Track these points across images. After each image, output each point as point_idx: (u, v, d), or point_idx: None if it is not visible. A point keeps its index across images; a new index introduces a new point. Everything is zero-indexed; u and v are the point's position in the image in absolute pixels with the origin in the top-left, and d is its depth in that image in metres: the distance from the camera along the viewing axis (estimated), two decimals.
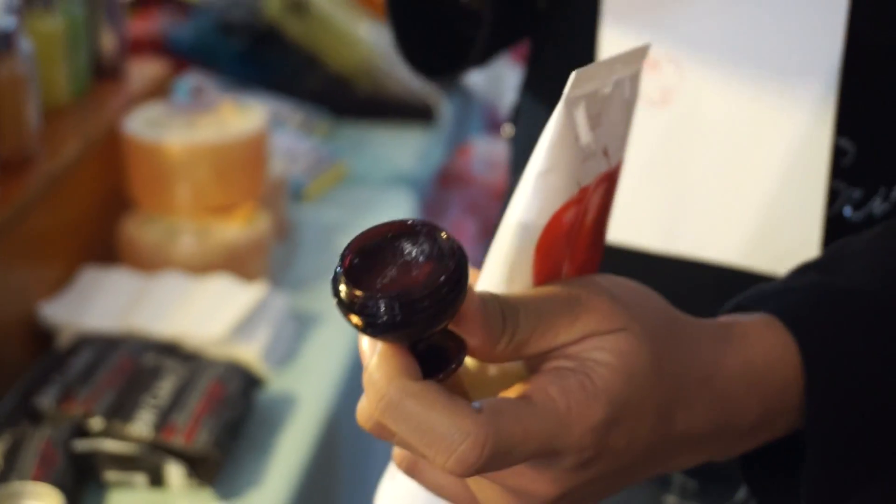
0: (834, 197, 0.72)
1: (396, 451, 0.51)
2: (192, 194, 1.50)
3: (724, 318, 0.57)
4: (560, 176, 0.50)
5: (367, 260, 0.47)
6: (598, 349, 0.50)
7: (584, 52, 0.78)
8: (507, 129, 0.94)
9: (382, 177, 1.92)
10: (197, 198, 1.50)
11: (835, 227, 0.72)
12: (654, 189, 0.77)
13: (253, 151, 1.54)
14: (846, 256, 0.60)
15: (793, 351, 0.55)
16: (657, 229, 0.76)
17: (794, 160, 0.73)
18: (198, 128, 1.53)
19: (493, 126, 2.60)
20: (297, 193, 1.75)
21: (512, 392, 0.49)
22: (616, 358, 0.50)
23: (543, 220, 0.50)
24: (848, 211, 0.73)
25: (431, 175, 2.14)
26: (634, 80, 0.54)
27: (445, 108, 2.22)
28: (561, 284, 0.52)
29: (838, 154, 0.72)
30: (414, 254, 0.47)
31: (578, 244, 0.54)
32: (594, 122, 0.51)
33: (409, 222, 0.47)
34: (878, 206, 0.72)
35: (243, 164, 1.52)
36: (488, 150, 2.34)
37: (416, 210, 1.87)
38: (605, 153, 0.53)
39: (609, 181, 0.55)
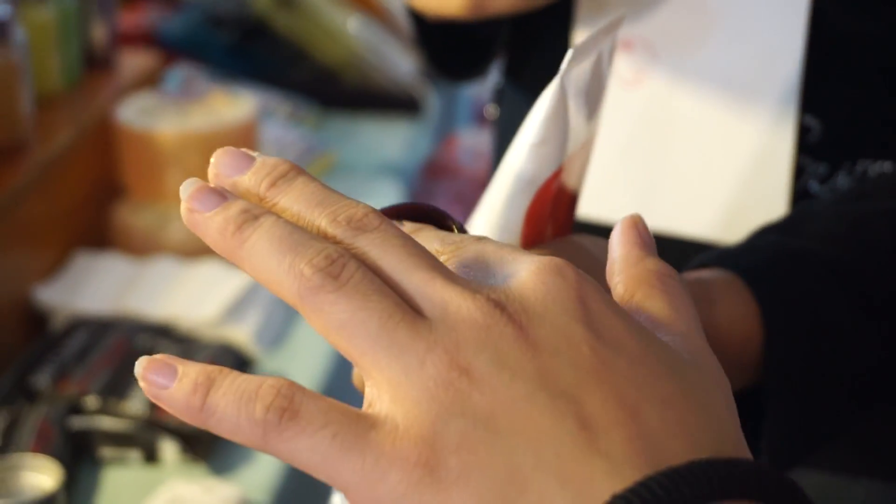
0: (800, 172, 0.75)
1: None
2: (184, 181, 1.52)
3: (688, 275, 0.58)
4: (552, 147, 0.52)
5: None
6: None
7: (560, 31, 0.80)
8: (491, 111, 0.97)
9: (370, 166, 1.95)
10: None
11: (801, 201, 0.74)
12: (628, 166, 0.79)
13: (243, 139, 1.57)
14: (805, 220, 0.63)
15: (752, 307, 0.57)
16: (631, 205, 0.79)
17: (761, 137, 0.75)
18: (189, 116, 1.56)
19: (479, 117, 2.63)
20: None
21: None
22: None
23: (534, 188, 0.52)
24: (814, 185, 0.75)
25: (418, 165, 2.16)
26: (612, 49, 0.57)
27: (432, 99, 2.25)
28: (548, 247, 0.55)
29: (804, 131, 0.74)
30: None
31: (560, 208, 0.57)
32: (581, 93, 0.54)
33: (418, 205, 0.48)
34: (842, 179, 0.75)
35: None
36: (474, 141, 2.37)
37: (404, 199, 1.89)
38: (587, 121, 0.55)
39: (588, 148, 0.57)
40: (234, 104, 1.60)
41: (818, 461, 0.75)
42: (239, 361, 1.32)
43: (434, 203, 2.16)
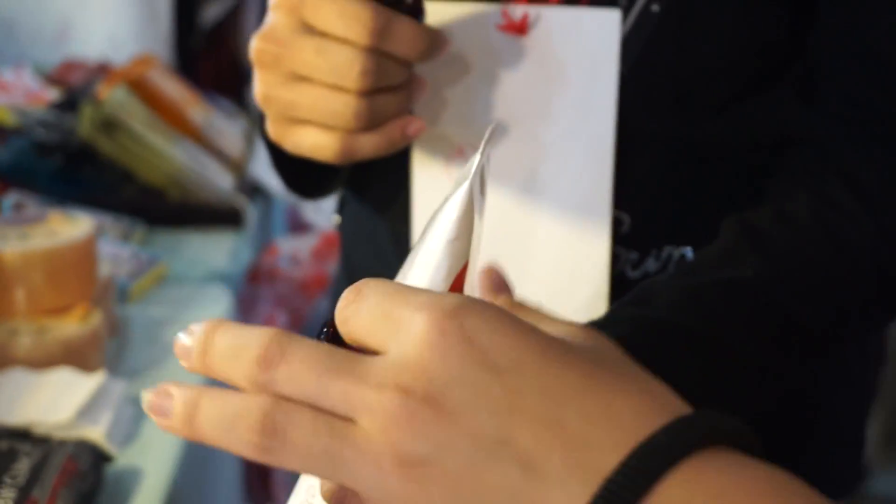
0: (616, 259, 0.85)
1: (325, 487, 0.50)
2: (29, 298, 1.64)
3: None
4: (464, 242, 0.56)
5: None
6: None
7: (399, 151, 0.86)
8: (335, 219, 1.09)
9: (199, 276, 2.09)
10: (33, 301, 1.64)
11: (618, 284, 0.85)
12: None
13: (83, 255, 1.69)
14: (652, 294, 0.73)
15: None
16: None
17: (582, 231, 0.84)
18: (30, 238, 1.68)
19: (293, 225, 2.80)
20: (123, 293, 1.90)
21: None
22: None
23: (449, 283, 0.55)
24: (628, 271, 0.85)
25: (242, 272, 2.32)
26: (489, 157, 0.65)
27: (251, 211, 2.41)
28: None
29: (617, 224, 0.85)
30: None
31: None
32: (477, 195, 0.58)
33: None
34: (651, 264, 0.85)
35: (75, 268, 1.68)
36: (292, 248, 2.54)
37: (232, 305, 2.04)
38: (480, 220, 0.60)
39: (479, 244, 0.61)
40: (73, 224, 1.73)
41: None
42: (96, 456, 1.44)
43: (259, 307, 2.28)
